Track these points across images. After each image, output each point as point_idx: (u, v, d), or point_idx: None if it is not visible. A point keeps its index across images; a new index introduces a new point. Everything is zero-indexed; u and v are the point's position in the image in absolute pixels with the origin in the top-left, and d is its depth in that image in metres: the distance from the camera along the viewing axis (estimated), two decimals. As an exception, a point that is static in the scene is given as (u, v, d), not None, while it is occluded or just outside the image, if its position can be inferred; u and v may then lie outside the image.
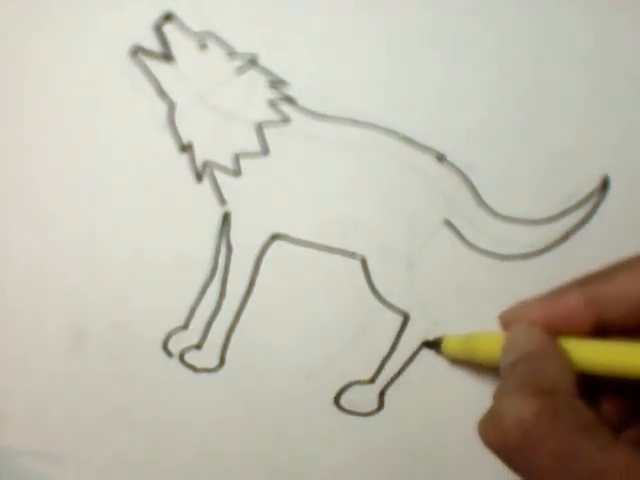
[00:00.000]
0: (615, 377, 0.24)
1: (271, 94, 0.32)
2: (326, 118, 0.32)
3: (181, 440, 0.31)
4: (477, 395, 0.30)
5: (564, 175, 0.32)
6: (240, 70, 0.32)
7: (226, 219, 0.32)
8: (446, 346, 0.31)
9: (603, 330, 0.25)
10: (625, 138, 0.32)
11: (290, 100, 0.32)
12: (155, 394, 0.31)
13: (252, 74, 0.32)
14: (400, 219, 0.32)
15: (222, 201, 0.32)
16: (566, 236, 0.32)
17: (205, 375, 0.32)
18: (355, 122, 0.32)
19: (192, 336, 0.32)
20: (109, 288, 0.32)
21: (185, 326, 0.32)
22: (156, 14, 0.32)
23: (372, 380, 0.32)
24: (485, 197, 0.32)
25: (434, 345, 0.31)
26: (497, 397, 0.24)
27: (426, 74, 0.32)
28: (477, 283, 0.31)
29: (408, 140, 0.32)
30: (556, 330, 0.25)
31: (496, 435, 0.23)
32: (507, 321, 0.27)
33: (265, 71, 0.32)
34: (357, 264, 0.32)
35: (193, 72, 0.32)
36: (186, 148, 0.32)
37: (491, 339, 0.28)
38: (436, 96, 0.32)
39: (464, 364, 0.31)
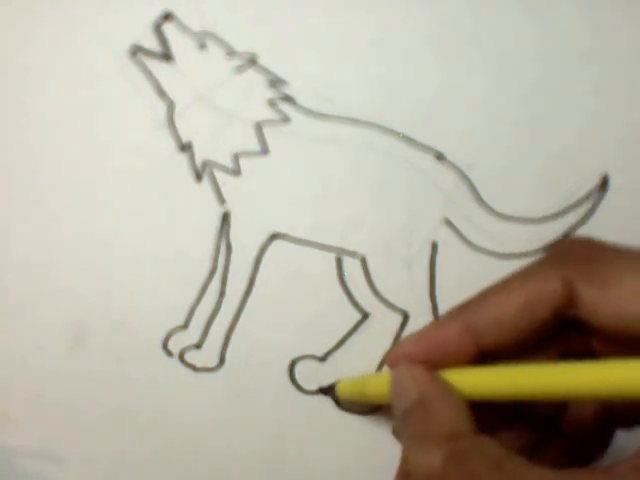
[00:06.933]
0: (505, 400, 0.23)
1: (270, 93, 0.32)
2: (325, 117, 0.32)
3: (181, 439, 0.31)
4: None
5: (563, 174, 0.32)
6: (239, 69, 0.32)
7: (226, 218, 0.32)
8: (340, 391, 0.30)
9: (485, 358, 0.24)
10: (624, 136, 0.32)
11: (289, 99, 0.32)
12: (155, 394, 0.31)
13: (251, 73, 0.32)
14: (399, 218, 0.32)
15: (222, 200, 0.32)
16: (565, 235, 0.32)
17: (205, 374, 0.32)
18: (354, 121, 0.32)
19: (192, 335, 0.32)
20: (109, 288, 0.32)
21: (185, 325, 0.32)
22: (155, 14, 0.32)
23: (372, 379, 0.32)
24: (484, 196, 0.32)
25: (328, 391, 0.30)
26: (402, 451, 0.23)
27: (425, 73, 0.32)
28: (476, 282, 0.31)
29: (407, 139, 0.32)
30: (438, 364, 0.24)
31: None
32: (392, 361, 0.25)
33: (264, 70, 0.32)
34: (357, 263, 0.32)
35: (192, 71, 0.32)
36: (185, 147, 0.32)
37: (380, 381, 0.26)
38: (435, 95, 0.32)
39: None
